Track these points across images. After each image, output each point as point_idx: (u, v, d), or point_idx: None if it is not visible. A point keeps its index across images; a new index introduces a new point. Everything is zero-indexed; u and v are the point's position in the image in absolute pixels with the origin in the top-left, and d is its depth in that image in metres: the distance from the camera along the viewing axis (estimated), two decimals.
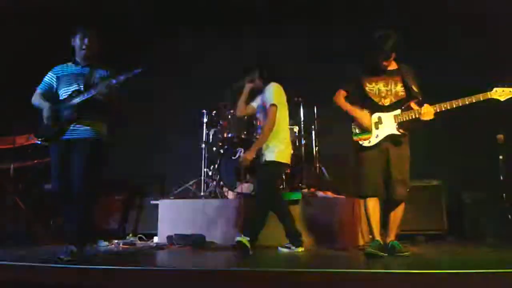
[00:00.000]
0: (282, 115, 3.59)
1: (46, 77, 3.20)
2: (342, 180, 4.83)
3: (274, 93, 3.55)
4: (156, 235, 4.50)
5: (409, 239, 4.37)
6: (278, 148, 3.52)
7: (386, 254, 3.05)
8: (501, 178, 3.86)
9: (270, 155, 3.51)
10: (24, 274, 2.49)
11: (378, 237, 3.11)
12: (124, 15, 5.81)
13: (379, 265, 2.78)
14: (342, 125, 3.41)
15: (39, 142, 3.14)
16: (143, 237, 4.56)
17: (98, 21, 4.14)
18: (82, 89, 3.03)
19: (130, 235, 4.75)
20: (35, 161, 4.78)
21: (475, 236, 4.47)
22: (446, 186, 4.70)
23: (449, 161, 5.07)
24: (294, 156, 4.97)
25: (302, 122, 5.16)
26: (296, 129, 5.12)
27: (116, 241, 4.27)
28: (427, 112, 2.95)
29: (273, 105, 3.49)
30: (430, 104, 2.97)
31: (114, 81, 2.90)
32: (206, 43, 5.95)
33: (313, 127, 5.18)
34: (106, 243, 4.17)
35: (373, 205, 3.12)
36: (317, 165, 5.00)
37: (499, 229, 4.40)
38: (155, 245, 4.23)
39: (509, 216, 3.88)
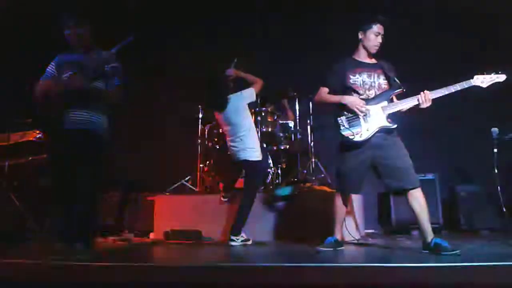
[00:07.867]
0: None
1: (47, 67, 3.10)
2: None
3: None
4: (152, 231, 4.51)
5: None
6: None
7: (343, 248, 3.14)
8: (496, 171, 3.87)
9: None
10: (19, 272, 2.47)
11: (336, 234, 3.18)
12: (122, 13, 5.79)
13: (378, 259, 2.79)
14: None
15: (35, 139, 3.06)
16: (139, 233, 4.56)
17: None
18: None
19: (126, 231, 4.74)
20: (30, 158, 4.75)
21: (469, 229, 4.52)
22: (440, 179, 4.73)
23: (444, 155, 5.10)
24: (289, 151, 5.02)
25: (297, 117, 5.16)
26: (291, 124, 5.12)
27: (112, 237, 4.27)
28: (426, 98, 2.87)
29: None
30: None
31: (106, 55, 2.90)
32: (205, 38, 5.92)
33: (308, 121, 5.18)
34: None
35: (341, 203, 3.17)
36: (313, 160, 5.01)
37: (493, 222, 4.44)
38: (151, 241, 4.23)
39: (503, 209, 3.90)
